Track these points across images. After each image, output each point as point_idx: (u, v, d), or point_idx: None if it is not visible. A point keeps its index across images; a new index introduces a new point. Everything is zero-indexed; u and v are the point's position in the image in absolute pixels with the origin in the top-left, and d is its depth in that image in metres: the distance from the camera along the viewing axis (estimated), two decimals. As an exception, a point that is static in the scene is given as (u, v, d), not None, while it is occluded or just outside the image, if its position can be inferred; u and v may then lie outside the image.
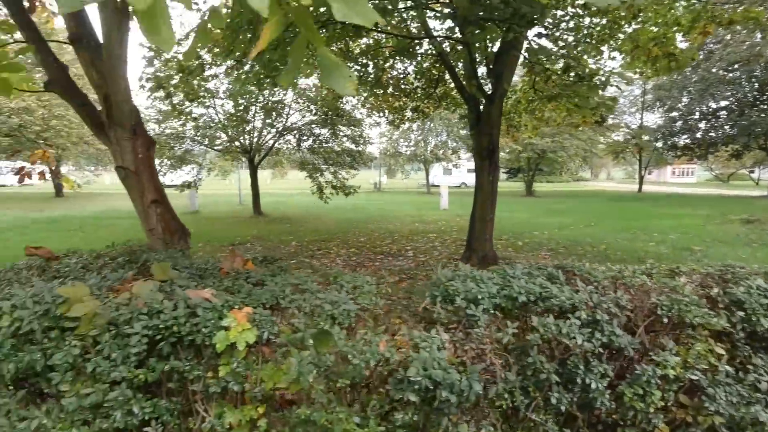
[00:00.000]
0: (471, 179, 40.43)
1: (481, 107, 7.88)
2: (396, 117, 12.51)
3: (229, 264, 2.38)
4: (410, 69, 10.45)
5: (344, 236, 11.72)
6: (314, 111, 14.09)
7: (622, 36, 7.10)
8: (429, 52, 9.06)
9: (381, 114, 12.67)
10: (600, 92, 7.63)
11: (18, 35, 3.33)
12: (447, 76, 11.07)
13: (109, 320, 1.74)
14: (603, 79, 6.89)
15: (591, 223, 14.40)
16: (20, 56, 3.37)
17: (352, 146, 15.37)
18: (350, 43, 8.93)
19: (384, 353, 1.60)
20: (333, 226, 13.56)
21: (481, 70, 8.21)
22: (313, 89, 14.00)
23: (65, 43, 3.33)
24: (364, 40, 9.85)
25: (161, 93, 10.46)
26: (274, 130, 14.84)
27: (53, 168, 5.17)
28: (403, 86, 10.60)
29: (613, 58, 8.13)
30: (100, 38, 3.24)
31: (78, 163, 22.67)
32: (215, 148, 15.38)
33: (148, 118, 14.24)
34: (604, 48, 7.22)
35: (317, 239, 11.16)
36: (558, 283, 2.21)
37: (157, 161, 14.91)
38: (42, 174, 5.44)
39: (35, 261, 2.54)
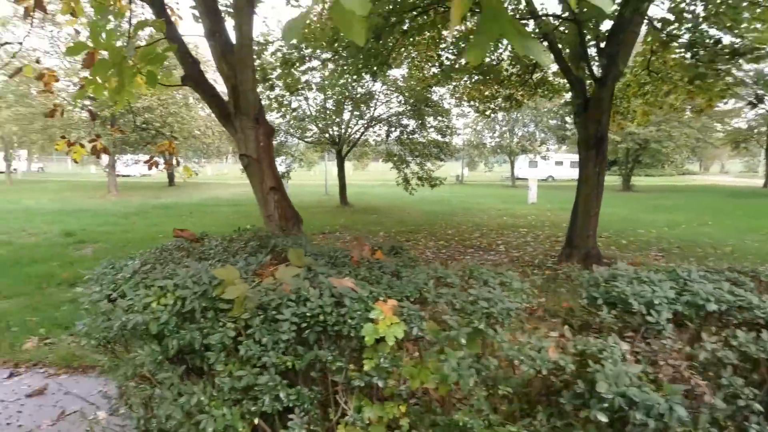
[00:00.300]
0: (558, 172, 38.04)
1: (588, 91, 7.20)
2: (487, 106, 11.98)
3: (358, 252, 2.32)
4: (504, 55, 9.89)
5: (431, 228, 11.54)
6: (403, 102, 14.01)
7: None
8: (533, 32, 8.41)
9: (471, 103, 12.22)
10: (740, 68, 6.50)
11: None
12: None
13: (257, 304, 1.74)
14: None
15: (707, 221, 12.66)
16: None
17: (439, 137, 15.07)
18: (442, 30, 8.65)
19: (558, 360, 1.39)
20: (418, 217, 13.46)
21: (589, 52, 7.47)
22: (401, 80, 13.92)
23: (200, 36, 3.53)
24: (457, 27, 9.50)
25: (265, 85, 11.07)
26: (362, 122, 15.04)
27: (178, 158, 5.61)
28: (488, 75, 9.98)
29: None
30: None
31: (186, 156, 25.13)
32: (306, 140, 16.01)
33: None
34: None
35: (404, 230, 11.11)
36: (749, 289, 1.82)
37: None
38: (168, 163, 5.95)
39: (180, 242, 2.69)
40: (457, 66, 9.57)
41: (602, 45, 7.25)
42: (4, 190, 22.02)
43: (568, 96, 10.41)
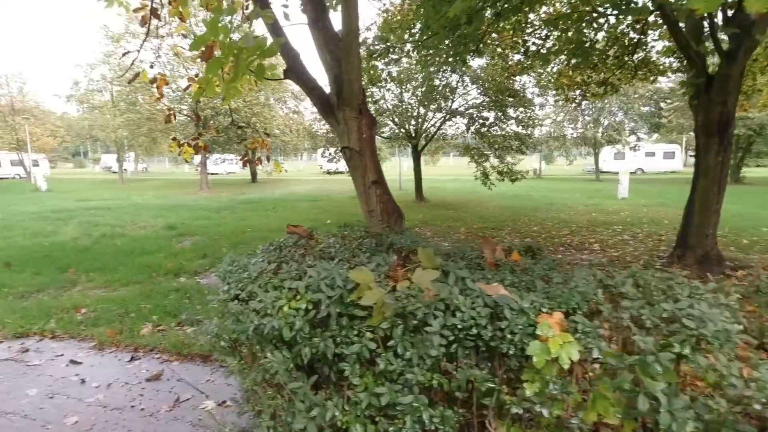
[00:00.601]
0: (649, 164, 34.51)
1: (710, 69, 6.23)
2: (578, 94, 11.03)
3: (490, 253, 2.04)
4: (600, 35, 8.96)
5: (514, 224, 10.90)
6: (482, 93, 13.40)
7: None
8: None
9: (558, 91, 11.31)
10: None
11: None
12: (648, 39, 9.19)
13: (396, 312, 1.54)
14: None
15: None
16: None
17: (519, 129, 14.24)
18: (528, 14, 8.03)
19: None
20: (498, 213, 12.82)
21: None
22: (479, 70, 13.31)
23: (303, 24, 3.45)
24: (543, 8, 8.78)
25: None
26: (440, 115, 14.66)
27: (269, 155, 5.73)
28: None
29: None
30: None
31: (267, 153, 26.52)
32: (382, 135, 15.98)
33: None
34: None
35: (486, 227, 10.60)
36: None
37: (330, 150, 16.20)
38: (259, 160, 6.10)
39: (294, 239, 2.60)
40: (544, 51, 8.86)
41: (730, 12, 6.24)
42: (117, 188, 24.72)
43: (666, 79, 9.20)
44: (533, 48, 9.20)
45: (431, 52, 8.15)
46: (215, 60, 2.63)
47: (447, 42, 7.03)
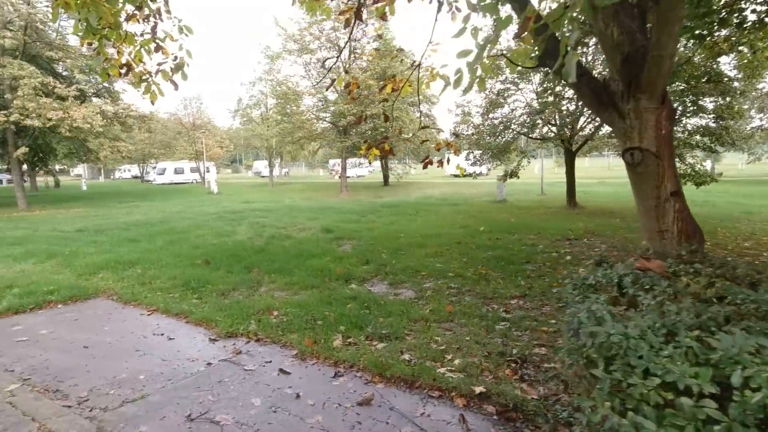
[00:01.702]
0: None
1: None
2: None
3: None
4: None
5: (712, 238, 8.86)
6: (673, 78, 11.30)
7: None
8: None
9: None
10: None
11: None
12: None
13: None
14: None
15: None
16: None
17: (711, 122, 11.71)
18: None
19: None
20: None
21: None
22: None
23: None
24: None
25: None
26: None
27: (457, 155, 5.29)
28: None
29: None
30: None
31: (401, 158, 27.00)
32: (531, 136, 14.76)
33: (471, 108, 14.89)
34: None
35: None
36: None
37: (474, 152, 15.48)
38: (440, 162, 5.74)
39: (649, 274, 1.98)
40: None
41: None
42: (268, 191, 27.63)
43: None
44: (752, 17, 7.28)
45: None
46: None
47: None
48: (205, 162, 36.68)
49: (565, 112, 12.99)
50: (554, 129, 13.88)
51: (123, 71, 3.92)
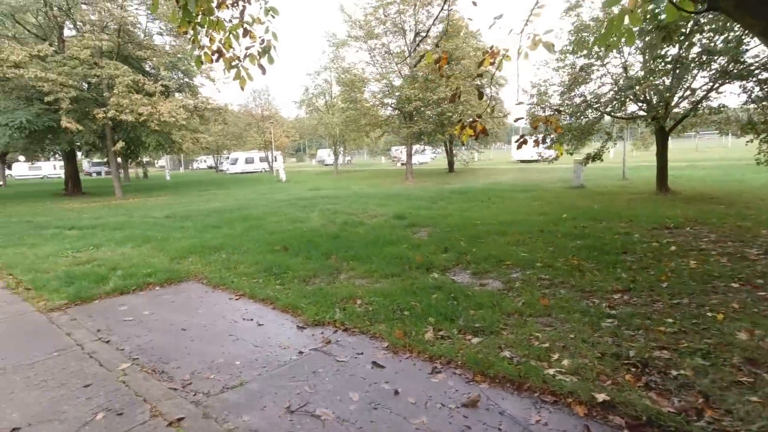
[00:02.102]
0: None
1: None
2: None
3: None
4: None
5: None
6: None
7: None
8: None
9: None
10: None
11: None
12: None
13: None
14: None
15: None
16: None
17: None
18: None
19: None
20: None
21: None
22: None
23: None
24: None
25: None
26: (703, 81, 11.40)
27: (559, 132, 4.81)
28: None
29: None
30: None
31: (467, 142, 26.21)
32: (615, 116, 13.47)
33: (547, 90, 13.92)
34: None
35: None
36: None
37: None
38: (537, 142, 5.25)
39: None
40: None
41: None
42: (334, 179, 28.13)
43: None
44: None
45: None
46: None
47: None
48: (273, 151, 38.20)
49: (662, 87, 11.63)
50: (644, 107, 12.52)
51: (215, 57, 3.93)
